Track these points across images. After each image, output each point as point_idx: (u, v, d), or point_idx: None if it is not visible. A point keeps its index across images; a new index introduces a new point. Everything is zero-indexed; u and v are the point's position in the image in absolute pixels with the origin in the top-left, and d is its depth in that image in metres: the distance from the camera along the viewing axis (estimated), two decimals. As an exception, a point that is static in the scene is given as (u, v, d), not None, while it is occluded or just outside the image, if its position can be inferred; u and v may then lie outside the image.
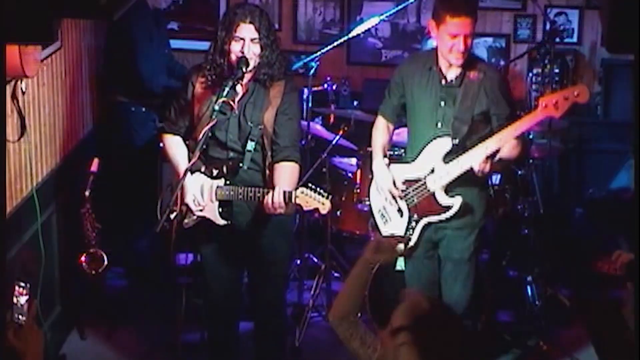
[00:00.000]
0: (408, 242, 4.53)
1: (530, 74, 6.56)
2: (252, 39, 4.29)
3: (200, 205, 4.36)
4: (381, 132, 4.69)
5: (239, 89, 4.33)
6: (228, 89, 4.24)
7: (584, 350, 5.34)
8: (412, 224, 4.51)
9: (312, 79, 5.63)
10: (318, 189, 4.22)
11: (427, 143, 4.43)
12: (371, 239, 5.41)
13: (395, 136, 4.93)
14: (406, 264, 4.74)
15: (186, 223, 4.42)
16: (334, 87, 6.28)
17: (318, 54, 5.56)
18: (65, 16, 2.65)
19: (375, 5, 6.68)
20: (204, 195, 4.37)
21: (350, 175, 5.83)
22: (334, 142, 5.75)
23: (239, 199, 4.33)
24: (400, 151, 5.28)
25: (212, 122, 4.21)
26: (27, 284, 4.26)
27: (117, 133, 5.92)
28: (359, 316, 5.48)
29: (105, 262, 5.19)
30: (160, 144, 4.69)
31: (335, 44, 5.62)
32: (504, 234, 5.81)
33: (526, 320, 5.54)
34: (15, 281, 4.24)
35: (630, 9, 2.38)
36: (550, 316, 5.51)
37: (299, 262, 5.82)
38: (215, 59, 4.34)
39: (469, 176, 4.34)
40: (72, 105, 5.52)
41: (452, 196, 4.41)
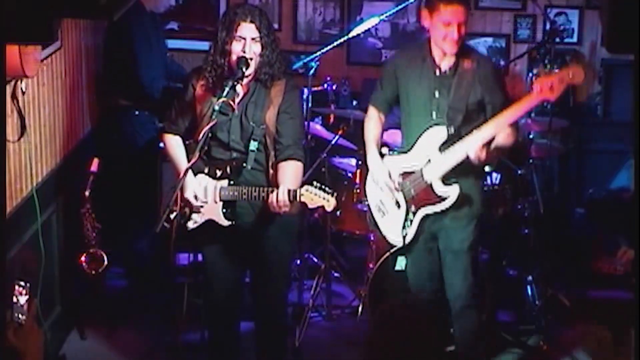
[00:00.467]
0: (406, 235, 4.51)
1: (530, 74, 6.55)
2: (253, 38, 4.29)
3: (200, 202, 4.36)
4: (374, 124, 4.66)
5: (239, 89, 4.33)
6: (228, 90, 4.24)
7: (584, 349, 5.35)
8: (410, 216, 4.48)
9: (312, 79, 5.63)
10: (322, 187, 4.22)
11: (422, 133, 4.41)
12: (371, 239, 5.42)
13: (386, 137, 4.94)
14: (406, 258, 4.73)
15: (189, 226, 4.41)
16: (334, 87, 6.28)
17: (318, 54, 5.56)
18: (65, 16, 2.65)
19: (375, 5, 6.68)
20: (207, 196, 4.37)
21: (350, 175, 5.83)
22: (334, 142, 5.75)
23: (243, 199, 4.33)
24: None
25: (212, 123, 4.21)
26: (27, 284, 4.26)
27: (118, 135, 5.91)
28: (359, 314, 5.53)
29: (105, 262, 5.19)
30: (161, 144, 4.69)
31: (335, 44, 5.63)
32: (504, 234, 5.81)
33: (526, 320, 5.54)
34: (15, 281, 4.24)
35: (630, 9, 2.38)
36: (550, 316, 5.50)
37: (299, 262, 5.82)
38: (215, 60, 4.34)
39: (465, 166, 4.33)
40: (72, 105, 5.52)
41: (449, 185, 4.39)
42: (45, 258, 4.74)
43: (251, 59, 4.29)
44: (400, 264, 5.12)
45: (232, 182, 4.35)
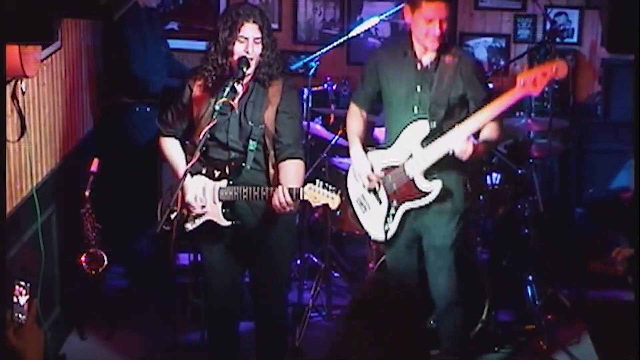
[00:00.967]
0: (388, 231, 4.49)
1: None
2: (255, 39, 4.29)
3: (202, 203, 4.35)
4: (355, 120, 4.66)
5: (239, 89, 4.33)
6: (229, 90, 4.24)
7: (584, 349, 5.35)
8: (392, 211, 4.47)
9: (312, 79, 5.62)
10: (326, 184, 4.20)
11: (404, 128, 4.41)
12: (371, 239, 5.40)
13: (377, 133, 4.93)
14: (386, 253, 4.73)
15: (188, 227, 4.41)
16: (334, 87, 6.29)
17: (318, 54, 5.56)
18: (65, 16, 2.65)
19: (375, 5, 6.68)
20: (206, 197, 4.36)
21: (350, 175, 5.82)
22: (334, 142, 5.75)
23: (242, 199, 4.32)
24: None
25: (212, 123, 4.21)
26: (28, 284, 4.26)
27: (120, 133, 5.92)
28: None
29: (105, 262, 5.19)
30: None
31: (335, 44, 5.63)
32: (504, 234, 5.81)
33: (526, 320, 5.54)
34: (15, 281, 4.23)
35: (630, 9, 2.38)
36: (550, 316, 5.50)
37: (299, 262, 5.82)
38: (216, 60, 4.33)
39: (447, 161, 4.33)
40: (72, 105, 5.53)
41: (431, 181, 4.39)
42: (45, 258, 4.74)
43: (252, 59, 4.30)
44: None
45: (231, 182, 4.35)
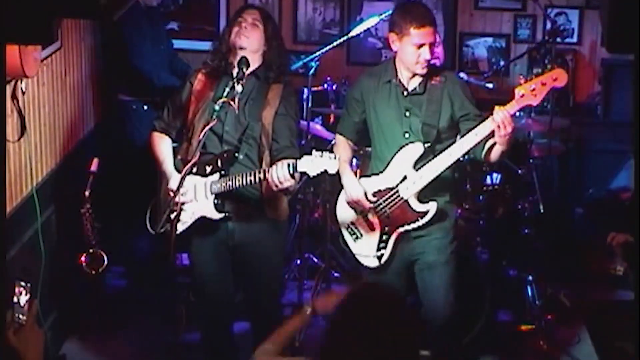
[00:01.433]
0: (381, 258, 4.41)
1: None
2: (254, 19, 4.35)
3: (189, 198, 4.35)
4: (343, 148, 4.58)
5: (239, 89, 4.33)
6: (229, 90, 4.25)
7: (584, 349, 5.35)
8: (385, 237, 4.39)
9: (312, 79, 5.62)
10: (322, 152, 4.07)
11: (396, 153, 4.33)
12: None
13: None
14: (371, 280, 4.54)
15: (178, 228, 4.38)
16: (334, 87, 6.28)
17: (318, 54, 5.56)
18: (65, 16, 2.65)
19: (375, 5, 6.68)
20: (197, 195, 4.36)
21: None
22: (334, 142, 5.74)
23: (237, 187, 4.27)
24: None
25: (213, 122, 4.21)
26: (28, 284, 4.26)
27: (120, 131, 5.93)
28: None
29: (105, 262, 5.19)
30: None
31: (335, 44, 5.62)
32: (504, 234, 5.82)
33: (526, 320, 5.54)
34: (15, 281, 4.24)
35: (630, 9, 2.38)
36: (550, 316, 5.50)
37: (299, 262, 5.82)
38: (219, 49, 4.41)
39: (440, 182, 4.29)
40: (72, 104, 5.53)
41: (426, 203, 4.32)
42: (45, 258, 4.74)
43: (247, 38, 4.34)
44: None
45: (224, 174, 4.33)
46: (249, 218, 4.42)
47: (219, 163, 4.33)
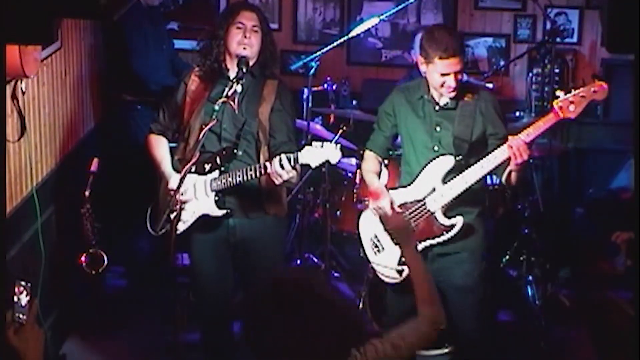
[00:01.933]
0: (402, 273, 4.34)
1: (530, 74, 6.56)
2: (254, 26, 4.33)
3: (189, 197, 4.35)
4: (371, 162, 4.54)
5: (239, 89, 4.33)
6: (228, 89, 4.26)
7: (584, 349, 5.36)
8: None
9: (312, 79, 5.63)
10: (322, 143, 4.08)
11: (425, 166, 4.30)
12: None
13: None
14: (388, 294, 4.54)
15: (179, 228, 4.38)
16: (334, 87, 6.29)
17: (318, 54, 5.56)
18: (65, 16, 2.64)
19: (375, 5, 6.68)
20: (197, 193, 4.36)
21: (350, 175, 5.83)
22: (334, 142, 5.74)
23: (238, 183, 4.27)
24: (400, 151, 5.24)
25: (212, 123, 4.22)
26: (28, 284, 4.26)
27: (122, 131, 5.93)
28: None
29: (105, 262, 5.19)
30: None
31: (335, 44, 5.63)
32: (504, 234, 5.82)
33: (526, 320, 5.54)
34: (16, 281, 4.23)
35: (630, 9, 2.38)
36: (550, 316, 5.51)
37: (299, 262, 5.82)
38: (206, 44, 4.40)
39: (467, 199, 4.25)
40: (72, 104, 5.53)
41: (453, 217, 4.26)
42: (45, 258, 4.74)
43: (250, 47, 4.33)
44: None
45: (223, 170, 4.33)
46: (249, 214, 4.42)
47: (218, 160, 4.34)
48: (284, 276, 2.67)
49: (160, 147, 4.54)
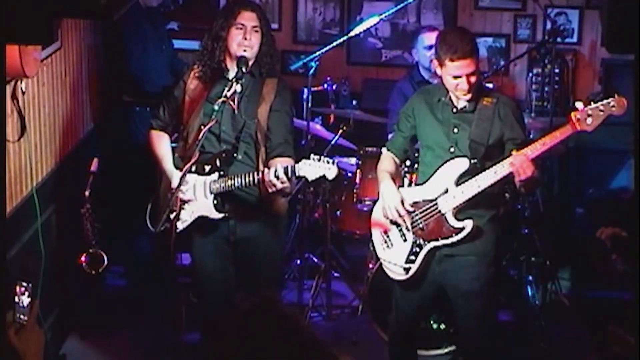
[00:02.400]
0: (408, 270, 4.35)
1: (530, 74, 6.56)
2: (254, 27, 4.32)
3: (189, 197, 4.35)
4: (388, 162, 4.54)
5: (238, 88, 4.33)
6: (227, 89, 4.26)
7: (584, 349, 5.36)
8: (416, 249, 4.32)
9: (312, 79, 5.62)
10: (320, 157, 4.10)
11: (440, 166, 4.30)
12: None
13: None
14: (394, 293, 4.52)
15: (178, 226, 4.38)
16: (334, 87, 6.28)
17: (318, 54, 5.56)
18: (65, 16, 2.65)
19: (375, 5, 6.68)
20: (197, 194, 4.36)
21: (350, 175, 5.83)
22: (334, 142, 5.75)
23: (236, 188, 4.28)
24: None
25: (212, 122, 4.22)
26: (29, 284, 4.26)
27: (120, 133, 5.93)
28: (359, 314, 5.52)
29: (105, 262, 5.19)
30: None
31: (335, 44, 5.62)
32: (504, 234, 5.80)
33: (526, 320, 5.54)
34: (17, 281, 4.23)
35: (630, 9, 2.38)
36: (550, 316, 5.51)
37: (299, 262, 5.82)
38: (207, 44, 4.39)
39: (480, 202, 4.25)
40: (72, 105, 5.53)
41: (462, 220, 4.26)
42: (45, 258, 4.74)
43: (250, 48, 4.33)
44: None
45: (222, 174, 4.33)
46: (249, 213, 4.42)
47: (218, 162, 4.34)
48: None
49: (161, 144, 4.54)
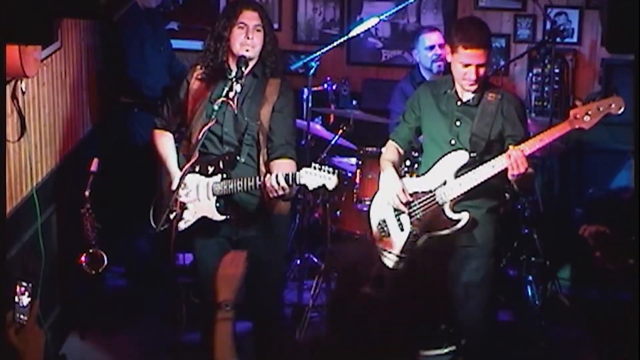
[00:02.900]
0: (403, 260, 4.39)
1: (530, 74, 6.56)
2: (256, 26, 4.32)
3: (192, 198, 4.35)
4: (391, 152, 4.58)
5: (238, 88, 4.33)
6: (227, 89, 4.25)
7: (584, 349, 5.36)
8: (412, 239, 4.37)
9: (312, 79, 5.62)
10: (322, 167, 4.13)
11: (440, 158, 4.34)
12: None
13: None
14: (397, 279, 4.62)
15: (181, 226, 4.38)
16: (334, 87, 6.28)
17: (318, 54, 5.56)
18: (65, 16, 2.65)
19: (375, 5, 6.68)
20: (199, 194, 4.36)
21: (350, 175, 5.83)
22: (334, 142, 5.75)
23: (237, 191, 4.30)
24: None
25: (212, 122, 4.22)
26: (29, 284, 4.26)
27: (120, 133, 5.93)
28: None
29: (105, 262, 5.19)
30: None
31: (335, 44, 5.62)
32: (504, 234, 5.80)
33: (526, 320, 5.54)
34: (17, 281, 4.23)
35: (630, 9, 2.38)
36: (550, 316, 5.51)
37: (299, 262, 5.82)
38: (210, 45, 4.37)
39: (478, 195, 4.27)
40: (72, 105, 5.53)
41: (460, 212, 4.29)
42: (45, 258, 4.74)
43: (253, 47, 4.32)
44: None
45: (225, 176, 4.34)
46: (251, 217, 4.42)
47: (221, 165, 4.34)
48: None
49: (165, 143, 4.53)
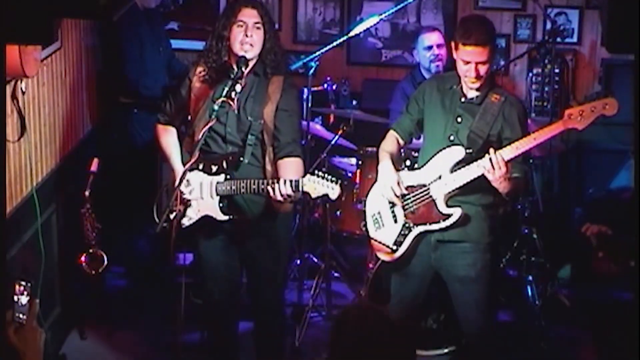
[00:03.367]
0: (395, 252, 4.43)
1: (530, 74, 6.56)
2: (255, 23, 4.31)
3: (194, 195, 4.35)
4: (390, 142, 4.58)
5: (238, 88, 4.32)
6: (227, 89, 4.25)
7: (584, 348, 5.36)
8: (405, 231, 4.39)
9: (312, 79, 5.62)
10: (326, 175, 4.16)
11: (437, 152, 4.35)
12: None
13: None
14: (392, 279, 4.58)
15: (184, 223, 4.39)
16: (334, 87, 6.28)
17: (318, 54, 5.56)
18: (65, 16, 2.65)
19: (375, 5, 6.68)
20: (203, 192, 4.36)
21: (350, 175, 5.83)
22: (334, 142, 5.75)
23: (240, 193, 4.31)
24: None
25: (212, 122, 4.22)
26: (28, 284, 4.26)
27: (120, 133, 5.93)
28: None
29: (105, 262, 5.19)
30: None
31: (335, 44, 5.62)
32: (504, 234, 5.81)
33: (526, 320, 5.54)
34: (16, 280, 4.24)
35: (630, 9, 2.38)
36: (550, 316, 5.51)
37: (299, 262, 5.82)
38: (212, 45, 4.37)
39: (472, 190, 4.28)
40: (72, 105, 5.53)
41: (453, 207, 4.31)
42: (45, 258, 4.74)
43: (252, 46, 4.31)
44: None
45: (229, 177, 4.34)
46: (254, 216, 4.42)
47: (225, 165, 4.34)
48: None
49: (168, 138, 4.52)
